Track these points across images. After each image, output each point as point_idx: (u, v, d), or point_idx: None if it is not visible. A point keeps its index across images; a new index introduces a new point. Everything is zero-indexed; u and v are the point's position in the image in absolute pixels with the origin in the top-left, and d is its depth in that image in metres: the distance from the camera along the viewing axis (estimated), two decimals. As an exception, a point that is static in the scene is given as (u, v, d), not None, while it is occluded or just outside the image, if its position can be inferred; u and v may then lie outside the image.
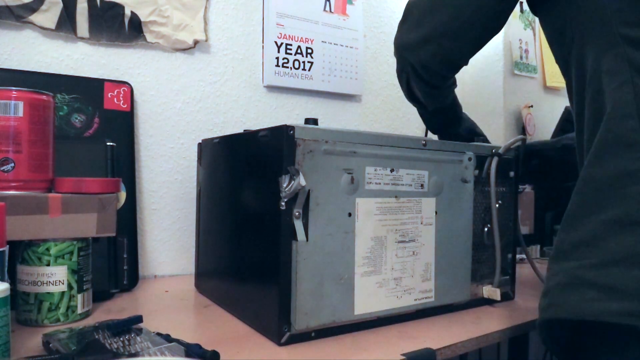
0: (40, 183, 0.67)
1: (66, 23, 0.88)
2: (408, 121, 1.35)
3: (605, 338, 0.51)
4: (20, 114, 0.64)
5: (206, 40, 1.02)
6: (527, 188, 1.39)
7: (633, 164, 0.50)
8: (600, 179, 0.52)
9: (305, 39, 1.15)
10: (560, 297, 0.52)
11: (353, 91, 1.23)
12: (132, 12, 0.93)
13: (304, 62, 1.15)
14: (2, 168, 0.64)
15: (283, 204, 0.59)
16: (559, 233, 0.56)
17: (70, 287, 0.66)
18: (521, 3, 1.51)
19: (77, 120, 0.87)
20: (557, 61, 0.67)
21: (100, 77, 0.91)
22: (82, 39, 0.90)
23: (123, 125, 0.91)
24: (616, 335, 0.50)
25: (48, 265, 0.64)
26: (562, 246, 0.55)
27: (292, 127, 0.59)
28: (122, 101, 0.91)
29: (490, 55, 1.56)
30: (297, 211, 0.59)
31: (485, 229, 0.79)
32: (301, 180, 0.59)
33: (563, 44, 0.63)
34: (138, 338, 0.56)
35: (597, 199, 0.52)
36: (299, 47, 1.14)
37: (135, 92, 0.95)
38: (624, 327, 0.47)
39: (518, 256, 1.10)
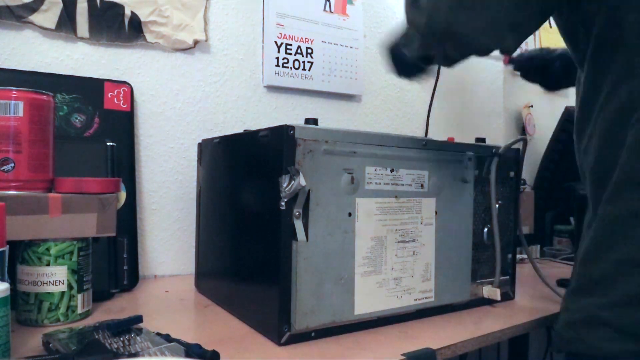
0: (40, 183, 0.67)
1: (66, 23, 0.88)
2: (408, 121, 1.35)
3: None
4: (20, 114, 0.64)
5: (206, 40, 1.02)
6: (527, 188, 1.39)
7: None
8: (614, 218, 0.55)
9: (305, 39, 1.15)
10: (583, 333, 0.56)
11: (353, 91, 1.23)
12: (132, 12, 0.93)
13: (304, 62, 1.14)
14: (2, 168, 0.64)
15: (283, 204, 0.59)
16: (579, 266, 0.59)
17: (70, 287, 0.66)
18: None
19: (77, 120, 0.87)
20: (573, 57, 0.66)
21: (100, 77, 0.91)
22: (82, 39, 0.90)
23: (123, 125, 0.91)
24: None
25: (48, 265, 0.64)
26: (582, 281, 0.58)
27: (292, 127, 0.59)
28: (122, 101, 0.91)
29: (490, 55, 1.56)
30: (297, 211, 0.59)
31: (485, 229, 0.79)
32: (301, 180, 0.59)
33: (576, 49, 0.63)
34: (138, 338, 0.56)
35: (610, 238, 0.55)
36: (299, 47, 1.14)
37: (135, 92, 0.95)
38: None
39: (518, 256, 1.10)
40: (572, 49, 0.66)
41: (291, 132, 0.59)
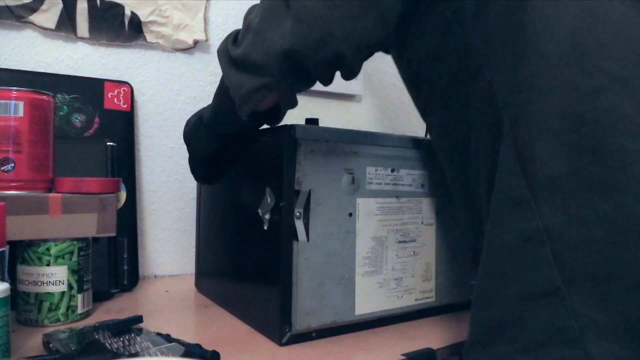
0: (41, 183, 0.67)
1: (66, 23, 0.88)
2: (408, 121, 1.35)
3: None
4: (21, 114, 0.64)
5: (206, 40, 1.02)
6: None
7: (528, 224, 0.44)
8: (502, 247, 0.46)
9: (306, 39, 1.15)
10: None
11: (353, 91, 1.23)
12: (132, 12, 0.93)
13: (304, 62, 1.14)
14: (2, 168, 0.64)
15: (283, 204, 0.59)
16: (474, 312, 0.49)
17: (70, 287, 0.66)
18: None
19: (77, 120, 0.86)
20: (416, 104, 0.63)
21: (100, 77, 0.90)
22: (82, 39, 0.90)
23: (123, 125, 0.91)
24: None
25: (48, 265, 0.64)
26: (485, 326, 0.48)
27: (293, 127, 0.59)
28: (122, 101, 0.91)
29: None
30: (297, 211, 0.59)
31: (486, 229, 0.79)
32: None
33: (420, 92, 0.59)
34: (138, 338, 0.55)
35: (504, 270, 0.46)
36: (299, 47, 1.14)
37: (135, 92, 0.95)
38: None
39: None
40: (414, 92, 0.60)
41: (292, 132, 0.59)
